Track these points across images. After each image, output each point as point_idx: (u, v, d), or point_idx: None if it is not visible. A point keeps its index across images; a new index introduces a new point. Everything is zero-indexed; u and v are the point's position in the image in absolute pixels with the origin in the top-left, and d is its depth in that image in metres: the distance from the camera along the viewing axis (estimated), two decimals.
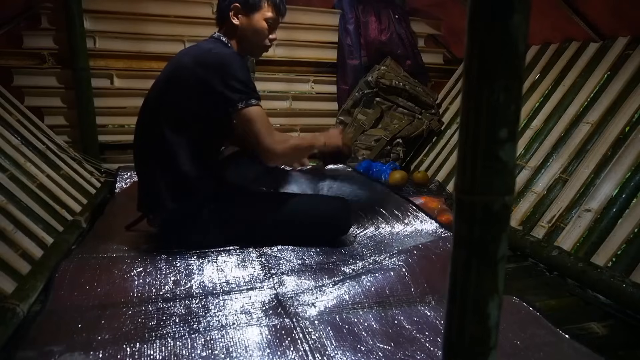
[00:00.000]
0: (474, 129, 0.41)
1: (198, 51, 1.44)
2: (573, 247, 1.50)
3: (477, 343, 0.45)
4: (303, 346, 0.99)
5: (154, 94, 1.50)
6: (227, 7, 1.49)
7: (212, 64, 1.37)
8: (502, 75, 0.39)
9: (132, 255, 1.43)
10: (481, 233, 0.43)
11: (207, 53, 1.40)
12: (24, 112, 2.14)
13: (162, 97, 1.44)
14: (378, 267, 1.41)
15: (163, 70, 1.51)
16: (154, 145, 1.44)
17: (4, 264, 1.23)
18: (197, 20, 2.49)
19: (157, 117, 1.43)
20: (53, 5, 2.23)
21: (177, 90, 1.41)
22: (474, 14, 0.39)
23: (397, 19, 2.76)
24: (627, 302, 1.21)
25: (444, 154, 2.49)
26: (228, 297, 1.20)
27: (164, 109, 1.43)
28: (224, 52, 1.42)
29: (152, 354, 0.95)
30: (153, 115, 1.46)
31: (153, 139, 1.44)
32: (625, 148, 1.55)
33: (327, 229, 1.55)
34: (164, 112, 1.42)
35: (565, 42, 2.09)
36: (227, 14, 1.49)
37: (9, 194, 1.46)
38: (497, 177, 0.41)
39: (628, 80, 1.71)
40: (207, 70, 1.36)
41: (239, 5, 1.48)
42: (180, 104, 1.41)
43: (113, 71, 2.40)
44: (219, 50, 1.42)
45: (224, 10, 1.50)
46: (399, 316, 1.13)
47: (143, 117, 1.51)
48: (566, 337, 1.05)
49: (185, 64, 1.40)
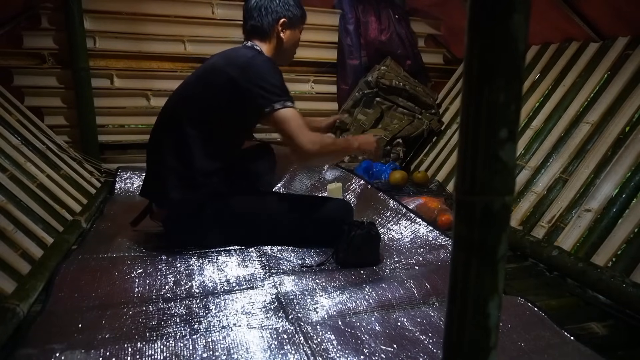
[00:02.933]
0: (474, 129, 0.41)
1: (236, 57, 1.51)
2: (573, 247, 1.50)
3: (477, 343, 0.45)
4: (305, 349, 0.99)
5: (183, 90, 1.58)
6: (274, 22, 1.57)
7: (251, 69, 1.45)
8: (502, 75, 0.39)
9: (133, 256, 1.43)
10: (481, 233, 0.43)
11: (246, 59, 1.48)
12: (24, 112, 2.14)
13: (192, 94, 1.52)
14: (378, 270, 1.42)
15: (197, 71, 1.60)
16: (174, 137, 1.50)
17: (4, 264, 1.23)
18: (197, 20, 2.50)
19: (183, 112, 1.50)
20: (53, 5, 2.23)
21: (210, 90, 1.49)
22: (474, 14, 0.39)
23: (397, 19, 2.77)
24: (627, 302, 1.21)
25: (444, 154, 2.49)
26: (229, 297, 1.20)
27: (192, 105, 1.50)
28: (261, 58, 1.51)
29: (153, 354, 0.95)
30: (179, 109, 1.52)
31: (174, 131, 1.49)
32: (625, 148, 1.55)
33: (330, 230, 1.56)
34: (191, 108, 1.50)
35: (565, 42, 2.09)
36: (271, 29, 1.58)
37: (9, 194, 1.46)
38: (497, 177, 0.41)
39: (628, 81, 1.71)
40: (246, 74, 1.45)
41: (286, 20, 1.58)
42: (210, 103, 1.48)
43: (113, 71, 2.40)
44: (257, 57, 1.50)
45: (267, 25, 1.57)
46: (401, 318, 1.12)
47: (167, 111, 1.58)
48: (571, 338, 1.04)
49: (223, 67, 1.49)
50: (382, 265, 1.44)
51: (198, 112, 1.49)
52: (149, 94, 2.48)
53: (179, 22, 2.47)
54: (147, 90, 2.48)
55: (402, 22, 2.78)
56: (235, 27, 2.55)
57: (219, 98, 1.47)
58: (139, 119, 2.57)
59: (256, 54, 1.52)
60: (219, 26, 2.55)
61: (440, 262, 1.44)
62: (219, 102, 1.48)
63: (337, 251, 1.47)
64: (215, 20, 2.54)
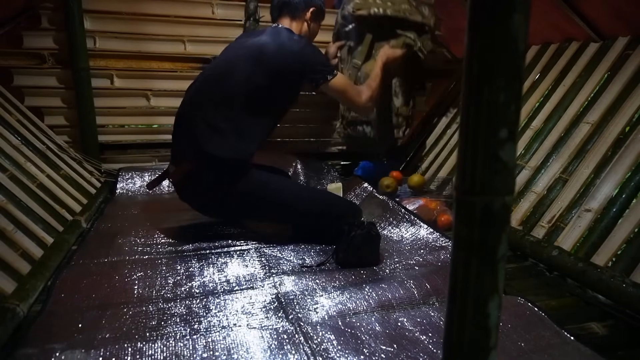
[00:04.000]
0: (474, 129, 0.41)
1: (284, 39, 1.67)
2: (573, 247, 1.49)
3: (477, 343, 0.45)
4: (305, 349, 0.99)
5: (225, 69, 1.64)
6: (305, 7, 1.78)
7: (304, 56, 1.66)
8: (502, 75, 0.39)
9: (133, 259, 1.43)
10: (481, 233, 0.43)
11: (295, 43, 1.67)
12: (24, 112, 2.14)
13: (243, 73, 1.58)
14: (378, 271, 1.42)
15: (236, 50, 1.70)
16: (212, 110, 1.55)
17: (4, 264, 1.23)
18: (197, 20, 2.49)
19: (228, 87, 1.57)
20: (53, 5, 2.23)
21: (266, 69, 1.59)
22: (474, 14, 0.40)
23: None
24: (627, 302, 1.21)
25: (444, 154, 2.49)
26: (229, 297, 1.21)
27: (241, 82, 1.57)
28: (304, 41, 1.71)
29: (153, 354, 0.95)
30: (222, 85, 1.59)
31: (216, 103, 1.56)
32: (625, 148, 1.55)
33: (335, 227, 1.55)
34: (239, 85, 1.57)
35: (565, 42, 2.09)
36: (302, 13, 1.78)
37: (9, 194, 1.46)
38: (497, 177, 0.41)
39: (628, 80, 1.71)
40: (301, 57, 1.65)
41: (316, 9, 1.80)
42: (269, 82, 1.58)
43: (113, 71, 2.40)
44: (300, 40, 1.70)
45: (299, 7, 1.77)
46: (401, 318, 1.12)
47: (206, 85, 1.63)
48: (571, 338, 1.04)
49: (276, 52, 1.62)
50: (382, 266, 1.45)
51: (246, 88, 1.56)
52: (149, 94, 2.48)
53: (179, 22, 2.47)
54: (147, 90, 2.47)
55: None
56: (235, 27, 2.54)
57: (279, 77, 1.60)
58: (139, 119, 2.57)
59: (298, 38, 1.70)
60: (219, 26, 2.55)
61: (441, 263, 1.45)
62: (277, 80, 1.60)
63: (337, 251, 1.47)
64: (215, 20, 2.53)
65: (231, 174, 1.52)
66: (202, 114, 1.54)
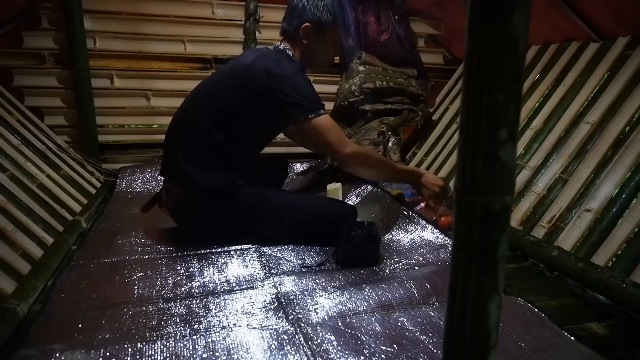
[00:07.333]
0: (474, 129, 0.41)
1: (267, 62, 1.50)
2: (573, 247, 1.49)
3: (477, 343, 0.45)
4: (305, 350, 0.99)
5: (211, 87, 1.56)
6: (298, 26, 1.57)
7: (284, 79, 1.46)
8: (502, 75, 0.39)
9: (133, 259, 1.43)
10: (481, 233, 0.43)
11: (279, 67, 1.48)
12: (24, 112, 2.14)
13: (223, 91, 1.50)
14: (378, 271, 1.42)
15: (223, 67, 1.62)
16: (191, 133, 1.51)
17: (4, 264, 1.23)
18: (197, 20, 2.50)
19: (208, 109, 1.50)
20: (53, 5, 2.23)
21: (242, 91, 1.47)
22: (474, 14, 0.39)
23: (397, 20, 2.76)
24: (627, 302, 1.21)
25: (444, 154, 2.49)
26: (229, 297, 1.20)
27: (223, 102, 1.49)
28: (293, 68, 1.51)
29: (153, 354, 0.95)
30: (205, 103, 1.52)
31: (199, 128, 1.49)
32: (625, 148, 1.55)
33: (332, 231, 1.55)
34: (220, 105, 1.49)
35: (565, 42, 2.09)
36: (295, 32, 1.58)
37: (9, 194, 1.47)
38: (497, 177, 0.41)
39: (628, 80, 1.71)
40: (280, 83, 1.45)
41: (310, 25, 1.56)
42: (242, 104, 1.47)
43: (113, 71, 2.40)
44: (288, 66, 1.50)
45: (293, 29, 1.58)
46: (401, 318, 1.12)
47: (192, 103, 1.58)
48: (571, 339, 1.04)
49: (255, 70, 1.48)
50: (382, 266, 1.44)
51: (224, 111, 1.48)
52: (149, 94, 2.48)
53: (179, 22, 2.47)
54: (147, 90, 2.48)
55: (401, 23, 2.77)
56: (235, 27, 2.55)
57: (252, 101, 1.47)
58: (139, 119, 2.57)
59: (288, 63, 1.52)
60: (219, 26, 2.55)
61: (441, 263, 1.45)
62: (251, 104, 1.48)
63: (337, 251, 1.47)
64: (215, 20, 2.54)
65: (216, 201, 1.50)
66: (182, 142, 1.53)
